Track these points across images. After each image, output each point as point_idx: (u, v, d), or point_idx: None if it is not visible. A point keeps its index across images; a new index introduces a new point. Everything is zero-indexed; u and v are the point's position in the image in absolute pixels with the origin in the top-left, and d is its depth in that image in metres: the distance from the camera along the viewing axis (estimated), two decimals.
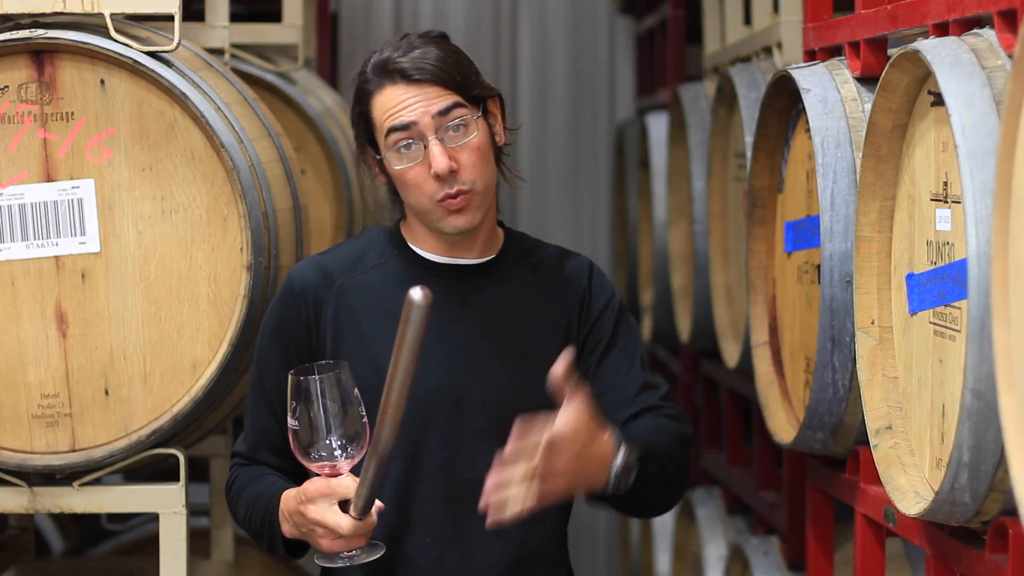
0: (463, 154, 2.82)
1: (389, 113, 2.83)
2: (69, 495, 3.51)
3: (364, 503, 2.65)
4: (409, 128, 2.81)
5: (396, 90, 2.83)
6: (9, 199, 3.40)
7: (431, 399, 2.83)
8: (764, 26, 4.51)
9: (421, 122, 2.81)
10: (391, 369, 2.54)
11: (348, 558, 2.72)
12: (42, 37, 3.36)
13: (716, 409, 5.66)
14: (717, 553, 5.21)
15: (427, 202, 2.84)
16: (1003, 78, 2.53)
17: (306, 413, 2.69)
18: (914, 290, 2.88)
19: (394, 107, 2.82)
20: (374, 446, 2.60)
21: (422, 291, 2.47)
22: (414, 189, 2.84)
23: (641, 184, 6.50)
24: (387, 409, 2.56)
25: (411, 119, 2.81)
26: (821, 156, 3.26)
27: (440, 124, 2.81)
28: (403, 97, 2.82)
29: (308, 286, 2.92)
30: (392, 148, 2.83)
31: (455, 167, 2.81)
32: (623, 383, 2.94)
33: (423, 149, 2.81)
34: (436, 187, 2.81)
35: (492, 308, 2.92)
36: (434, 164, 2.80)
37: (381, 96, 2.84)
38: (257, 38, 4.78)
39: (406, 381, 2.54)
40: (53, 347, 3.41)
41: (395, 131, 2.82)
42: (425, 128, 2.81)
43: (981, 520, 2.62)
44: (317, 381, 2.68)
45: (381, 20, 7.63)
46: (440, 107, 2.81)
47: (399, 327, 2.50)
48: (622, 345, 2.97)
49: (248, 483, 2.93)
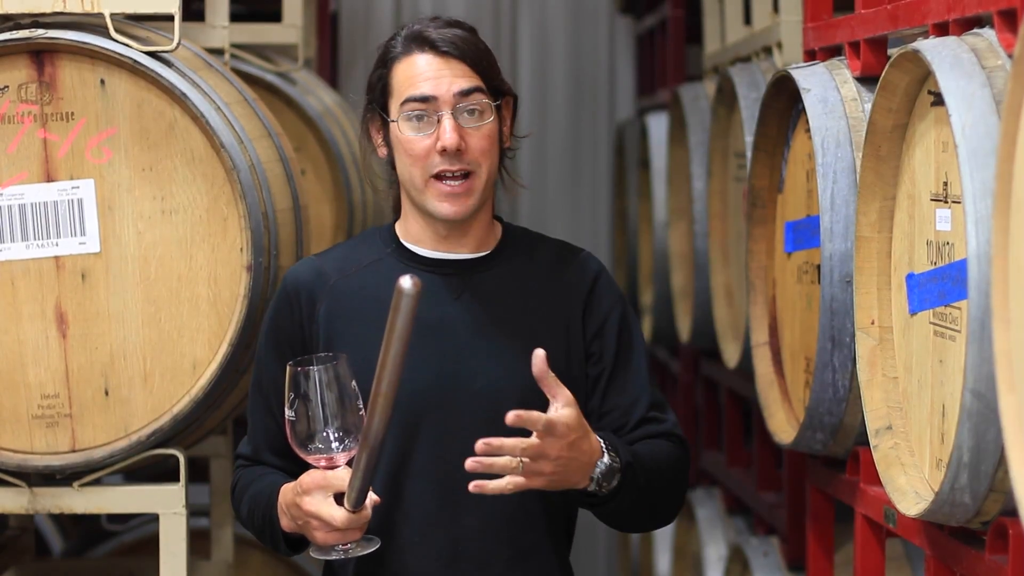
0: (474, 137, 2.83)
1: (411, 80, 2.83)
2: (69, 495, 3.51)
3: (357, 495, 2.66)
4: (428, 100, 2.82)
5: (424, 58, 2.84)
6: (9, 199, 3.40)
7: (423, 394, 2.83)
8: (764, 26, 4.51)
9: (441, 97, 2.82)
10: (381, 358, 2.53)
11: (343, 551, 2.72)
12: (42, 37, 3.36)
13: (716, 409, 5.66)
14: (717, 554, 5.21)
15: (422, 177, 2.83)
16: (1003, 78, 2.53)
17: (303, 405, 2.69)
18: (914, 290, 2.88)
19: (418, 75, 2.83)
20: (364, 437, 2.60)
21: (411, 279, 2.47)
22: (416, 161, 2.83)
23: (641, 184, 6.50)
24: (377, 399, 2.56)
25: (432, 92, 2.82)
26: (821, 156, 3.26)
27: (458, 103, 2.82)
28: (429, 67, 2.83)
29: (301, 285, 2.92)
30: (406, 115, 2.83)
31: (463, 147, 2.81)
32: (631, 406, 2.93)
33: (436, 123, 2.82)
34: (438, 161, 2.82)
35: (486, 303, 2.91)
36: (443, 138, 2.80)
37: (406, 62, 2.85)
38: (257, 38, 4.79)
39: (396, 370, 2.53)
40: (53, 347, 3.41)
41: (413, 100, 2.83)
42: (443, 103, 2.82)
43: (981, 520, 2.62)
44: (315, 373, 2.68)
45: (381, 20, 7.64)
46: (463, 87, 2.82)
47: (389, 315, 2.50)
48: (628, 361, 2.95)
49: (251, 483, 2.93)
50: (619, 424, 2.92)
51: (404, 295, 2.47)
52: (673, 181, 5.56)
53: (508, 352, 2.89)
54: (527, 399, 2.84)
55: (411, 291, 2.47)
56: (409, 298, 2.47)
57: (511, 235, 2.99)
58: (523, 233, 3.02)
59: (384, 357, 2.53)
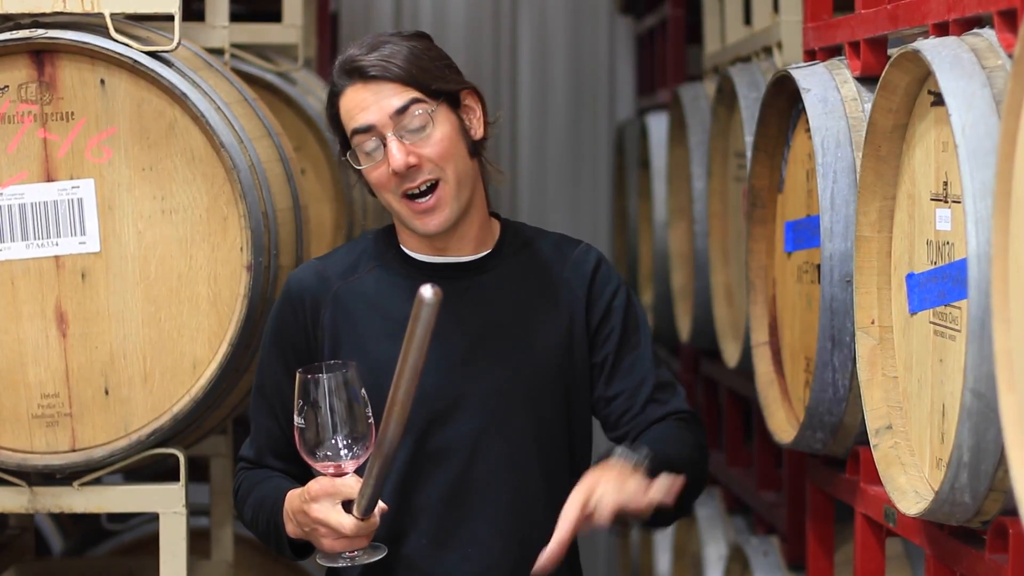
0: (425, 148, 2.81)
1: (351, 115, 2.83)
2: (69, 495, 3.51)
3: (367, 503, 2.65)
4: (370, 129, 2.81)
5: (356, 90, 2.83)
6: (9, 199, 3.40)
7: (429, 399, 2.83)
8: (764, 26, 4.51)
9: (379, 122, 2.80)
10: (399, 366, 2.52)
11: (350, 558, 2.72)
12: (42, 37, 3.36)
13: (716, 409, 5.66)
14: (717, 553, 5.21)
15: (394, 201, 2.83)
16: (1003, 78, 2.53)
17: (312, 412, 2.68)
18: (914, 290, 2.88)
19: (354, 108, 2.83)
20: (379, 445, 2.59)
21: (432, 288, 2.46)
22: (381, 189, 2.84)
23: (641, 184, 6.50)
24: (393, 407, 2.55)
25: (370, 120, 2.81)
26: (821, 156, 3.26)
27: (398, 122, 2.80)
28: (361, 97, 2.82)
29: (306, 290, 2.92)
30: (357, 148, 2.83)
31: (414, 162, 2.80)
32: (636, 388, 2.93)
33: (383, 149, 2.81)
34: (397, 183, 2.81)
35: (489, 305, 2.91)
36: (391, 161, 2.79)
37: (345, 97, 2.84)
38: (257, 38, 4.78)
39: (413, 379, 2.52)
40: (53, 347, 3.41)
41: (357, 133, 2.82)
42: (383, 127, 2.80)
43: (981, 520, 2.62)
44: (324, 380, 2.68)
45: (381, 20, 7.64)
46: (397, 105, 2.80)
47: (409, 324, 2.49)
48: (633, 344, 2.96)
49: (254, 486, 2.93)
50: (626, 407, 2.92)
51: (425, 304, 2.47)
52: (673, 181, 5.56)
53: (512, 352, 2.89)
54: (532, 399, 2.85)
55: (432, 300, 2.46)
56: (430, 307, 2.47)
57: (509, 232, 2.98)
58: (521, 229, 3.01)
59: (402, 365, 2.52)
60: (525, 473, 2.87)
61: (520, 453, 2.87)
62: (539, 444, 2.88)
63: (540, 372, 2.89)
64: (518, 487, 2.87)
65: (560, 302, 2.94)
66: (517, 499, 2.86)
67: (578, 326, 2.93)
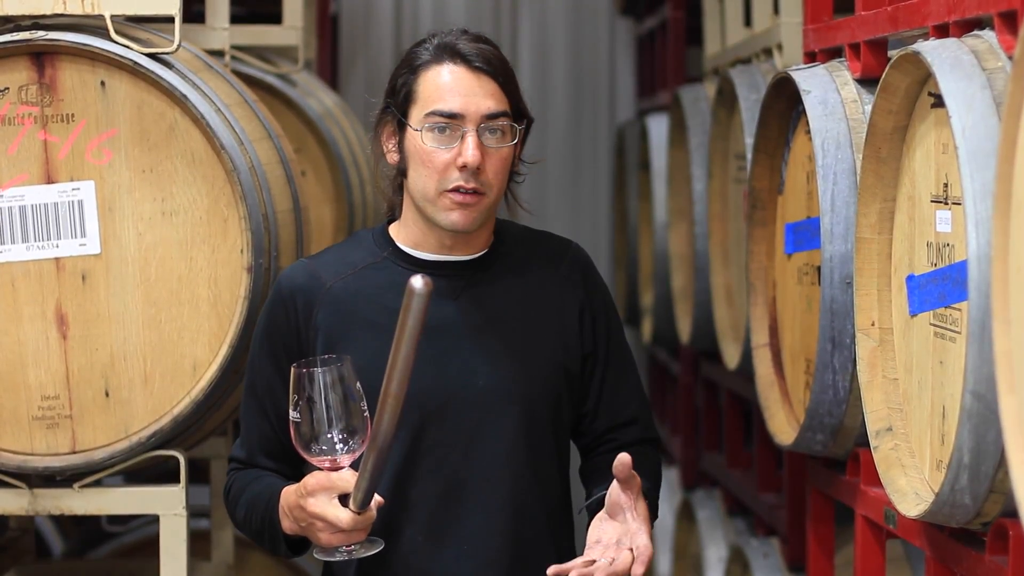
0: (492, 158, 2.83)
1: (440, 92, 2.82)
2: (69, 497, 3.51)
3: (363, 496, 2.66)
4: (456, 117, 2.81)
5: (454, 71, 2.83)
6: (9, 201, 3.40)
7: (425, 396, 2.84)
8: (764, 28, 4.51)
9: (469, 115, 2.81)
10: (391, 358, 2.52)
11: (347, 552, 2.72)
12: (42, 39, 3.36)
13: (716, 411, 5.67)
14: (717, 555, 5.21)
15: (436, 189, 2.83)
16: (1003, 80, 2.53)
17: (308, 406, 2.69)
18: (914, 292, 2.88)
19: (447, 88, 2.82)
20: (373, 438, 2.59)
21: (422, 279, 2.46)
22: (433, 173, 2.82)
23: (641, 186, 6.51)
24: (387, 400, 2.55)
25: (461, 109, 2.81)
26: (821, 158, 3.26)
27: (484, 123, 2.82)
28: (460, 81, 2.82)
29: (297, 289, 2.92)
30: (430, 126, 2.82)
31: (482, 166, 2.81)
32: (619, 405, 3.00)
33: (459, 138, 2.81)
34: (456, 176, 2.81)
35: (486, 303, 2.92)
36: (464, 154, 2.80)
37: (436, 71, 2.84)
38: (257, 40, 4.79)
39: (406, 371, 2.52)
40: (53, 349, 3.41)
41: (440, 114, 2.81)
42: (470, 121, 2.81)
43: (981, 522, 2.62)
44: (319, 374, 2.68)
45: (381, 22, 7.64)
46: (492, 110, 2.82)
47: (400, 316, 2.49)
48: (616, 359, 3.01)
49: (246, 485, 2.93)
50: (610, 424, 3.00)
51: (415, 295, 2.46)
52: (673, 182, 5.56)
53: (509, 350, 2.90)
54: (528, 397, 2.86)
55: (422, 291, 2.46)
56: (420, 298, 2.47)
57: (503, 232, 3.00)
58: (513, 228, 3.03)
59: (394, 357, 2.52)
60: (519, 470, 2.88)
61: (515, 450, 2.88)
62: (532, 441, 2.89)
63: (535, 367, 2.90)
64: (513, 484, 2.88)
65: (554, 300, 2.96)
66: (512, 496, 2.87)
67: (570, 325, 2.96)
